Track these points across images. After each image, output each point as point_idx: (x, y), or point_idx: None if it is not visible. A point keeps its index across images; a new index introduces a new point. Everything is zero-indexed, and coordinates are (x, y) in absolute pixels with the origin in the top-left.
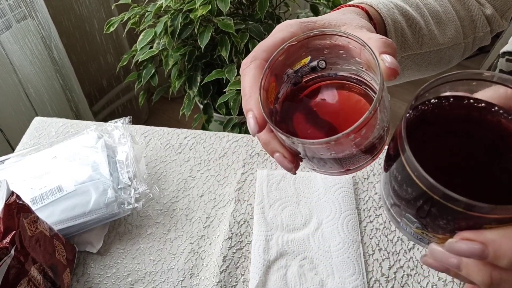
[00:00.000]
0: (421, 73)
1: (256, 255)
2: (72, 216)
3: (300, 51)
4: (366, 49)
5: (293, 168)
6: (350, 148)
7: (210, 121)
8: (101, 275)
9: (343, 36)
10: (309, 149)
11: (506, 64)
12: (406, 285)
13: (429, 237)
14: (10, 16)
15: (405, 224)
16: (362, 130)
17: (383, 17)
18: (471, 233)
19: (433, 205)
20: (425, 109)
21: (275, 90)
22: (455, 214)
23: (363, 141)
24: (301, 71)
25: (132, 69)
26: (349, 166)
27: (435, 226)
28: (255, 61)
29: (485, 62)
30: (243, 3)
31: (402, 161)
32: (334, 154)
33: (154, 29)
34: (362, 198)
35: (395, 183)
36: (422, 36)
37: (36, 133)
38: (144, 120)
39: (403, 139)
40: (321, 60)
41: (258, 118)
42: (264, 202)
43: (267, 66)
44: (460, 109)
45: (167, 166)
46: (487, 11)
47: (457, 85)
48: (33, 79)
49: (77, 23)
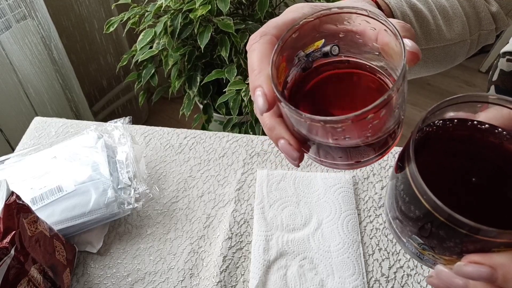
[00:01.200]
0: (427, 70)
1: (256, 255)
2: (72, 216)
3: (314, 32)
4: (389, 28)
5: (298, 158)
6: (366, 133)
7: (210, 121)
8: (101, 275)
9: (363, 15)
10: (322, 131)
11: (507, 64)
12: (406, 285)
13: (436, 258)
14: (10, 16)
15: (411, 245)
16: (382, 111)
17: (392, 10)
18: (479, 256)
19: (441, 228)
20: (431, 131)
21: (285, 72)
22: (463, 237)
23: (380, 125)
24: (312, 56)
25: (132, 69)
26: (358, 158)
27: (442, 248)
28: (265, 36)
29: (485, 62)
30: (243, 3)
31: (410, 184)
32: (348, 139)
33: (154, 29)
34: (362, 198)
35: (403, 204)
36: (430, 31)
37: (36, 133)
38: (144, 120)
39: (412, 161)
40: (334, 46)
41: (268, 95)
42: (264, 202)
43: (280, 41)
44: (465, 130)
45: (167, 166)
46: (493, 8)
47: (462, 107)
48: (33, 79)
49: (77, 23)
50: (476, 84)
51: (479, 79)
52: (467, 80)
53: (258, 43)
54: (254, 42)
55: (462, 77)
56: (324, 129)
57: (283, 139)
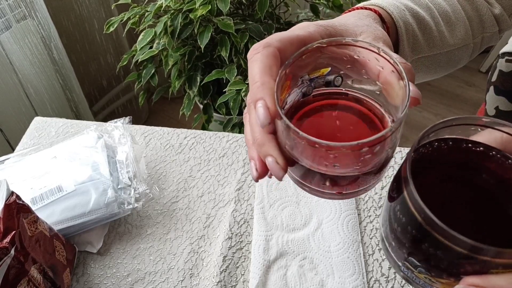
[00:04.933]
0: (430, 75)
1: (256, 255)
2: (72, 216)
3: (323, 57)
4: (397, 70)
5: (282, 177)
6: (355, 165)
7: (210, 121)
8: (101, 275)
9: (375, 52)
10: (314, 154)
11: (506, 65)
12: (406, 285)
13: (432, 282)
14: (10, 16)
15: (407, 268)
16: (377, 147)
17: (395, 20)
18: (477, 278)
19: (439, 247)
20: (426, 152)
21: (287, 90)
22: (461, 258)
23: (370, 160)
24: (316, 82)
25: (132, 69)
26: (341, 189)
27: (439, 270)
28: (268, 47)
29: (485, 62)
30: (243, 3)
31: (407, 203)
32: (337, 167)
33: (154, 29)
34: (362, 198)
35: (399, 226)
36: (432, 38)
37: (36, 133)
38: (144, 120)
39: (409, 180)
40: (338, 76)
41: (270, 109)
42: (264, 202)
43: (291, 59)
44: (459, 153)
45: (167, 166)
46: (496, 10)
47: (456, 130)
48: (33, 79)
49: (77, 23)
50: (476, 84)
51: (479, 79)
52: (467, 80)
53: (261, 54)
54: (256, 53)
55: (462, 77)
56: (317, 152)
57: (271, 156)
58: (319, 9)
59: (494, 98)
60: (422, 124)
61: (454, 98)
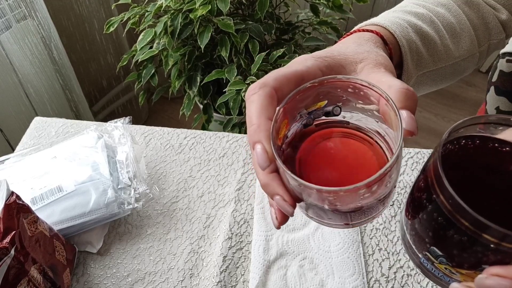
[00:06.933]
0: (436, 86)
1: (256, 255)
2: (72, 216)
3: (318, 94)
4: (390, 105)
5: (293, 212)
6: (357, 202)
7: (210, 121)
8: (101, 275)
9: (366, 87)
10: (315, 196)
11: (507, 65)
12: (406, 285)
13: (452, 274)
14: (10, 16)
15: (427, 259)
16: (374, 186)
17: (398, 39)
18: (501, 268)
19: (465, 235)
20: (453, 148)
21: (286, 127)
22: (486, 246)
23: (372, 196)
24: (314, 114)
25: (132, 69)
26: (348, 221)
27: (462, 260)
28: (264, 88)
29: (485, 62)
30: (243, 3)
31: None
32: (339, 205)
33: (154, 29)
34: None
35: (424, 214)
36: (437, 52)
37: (36, 133)
38: (144, 120)
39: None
40: (336, 107)
41: (268, 152)
42: (264, 202)
43: (284, 103)
44: (486, 149)
45: (167, 166)
46: (503, 16)
47: (483, 128)
48: (33, 79)
49: (77, 23)
50: (476, 84)
51: (479, 79)
52: (467, 80)
53: (257, 95)
54: (253, 93)
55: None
56: (317, 195)
57: (277, 195)
58: (319, 9)
59: (494, 99)
60: (422, 124)
61: (454, 98)
